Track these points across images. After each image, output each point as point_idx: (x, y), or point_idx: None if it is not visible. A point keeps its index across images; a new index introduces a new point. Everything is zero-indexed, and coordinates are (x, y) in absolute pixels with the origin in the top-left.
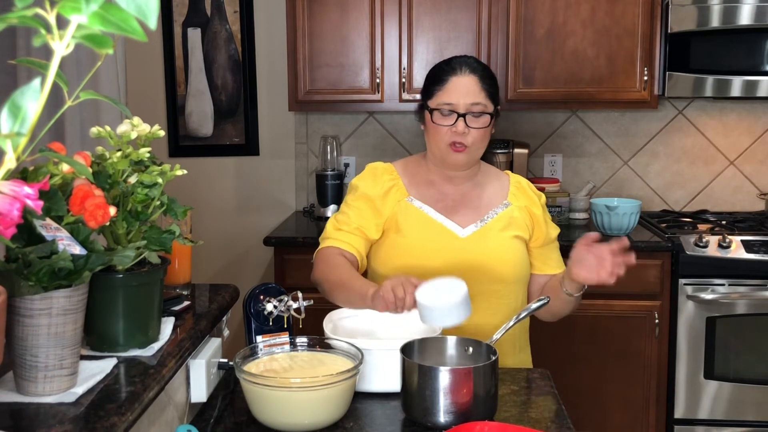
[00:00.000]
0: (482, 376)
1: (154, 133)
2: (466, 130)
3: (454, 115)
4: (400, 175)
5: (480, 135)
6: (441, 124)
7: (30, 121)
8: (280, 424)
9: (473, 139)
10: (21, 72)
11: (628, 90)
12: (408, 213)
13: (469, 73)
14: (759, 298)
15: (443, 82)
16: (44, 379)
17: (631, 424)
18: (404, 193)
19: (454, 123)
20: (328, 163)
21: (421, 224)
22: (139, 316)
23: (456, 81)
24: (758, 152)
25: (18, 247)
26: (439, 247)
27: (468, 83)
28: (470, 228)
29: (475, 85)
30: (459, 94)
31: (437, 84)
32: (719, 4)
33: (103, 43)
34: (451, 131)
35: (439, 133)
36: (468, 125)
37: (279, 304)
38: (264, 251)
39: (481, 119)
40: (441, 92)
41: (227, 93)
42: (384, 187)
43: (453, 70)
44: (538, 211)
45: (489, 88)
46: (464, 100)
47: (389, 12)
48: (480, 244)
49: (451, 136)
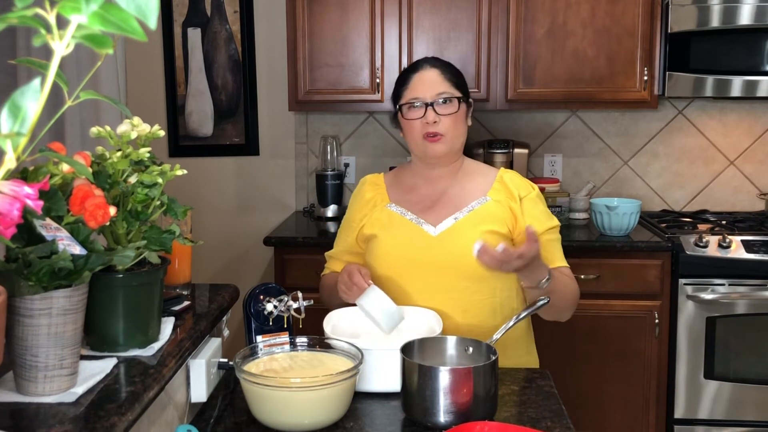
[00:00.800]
0: (482, 376)
1: (154, 133)
2: (437, 119)
3: (423, 106)
4: (387, 184)
5: (452, 121)
6: (411, 117)
7: (30, 121)
8: (280, 424)
9: (446, 126)
10: (21, 72)
11: (628, 90)
12: (386, 218)
13: (429, 68)
14: (759, 298)
15: (408, 81)
16: (44, 379)
17: (631, 424)
18: (386, 201)
19: (424, 114)
20: (328, 163)
21: (396, 227)
22: (139, 316)
23: (419, 76)
24: (758, 152)
25: (18, 247)
26: (412, 247)
27: (430, 76)
28: (442, 225)
29: (438, 76)
30: (423, 85)
31: (403, 85)
32: (719, 4)
33: (103, 43)
34: (423, 123)
35: (413, 127)
36: (438, 113)
37: (279, 304)
38: (264, 251)
39: (449, 105)
40: (407, 90)
41: (227, 93)
42: (364, 199)
43: (414, 68)
44: (516, 205)
45: (453, 78)
46: (430, 91)
47: (389, 12)
48: (450, 241)
49: (424, 127)
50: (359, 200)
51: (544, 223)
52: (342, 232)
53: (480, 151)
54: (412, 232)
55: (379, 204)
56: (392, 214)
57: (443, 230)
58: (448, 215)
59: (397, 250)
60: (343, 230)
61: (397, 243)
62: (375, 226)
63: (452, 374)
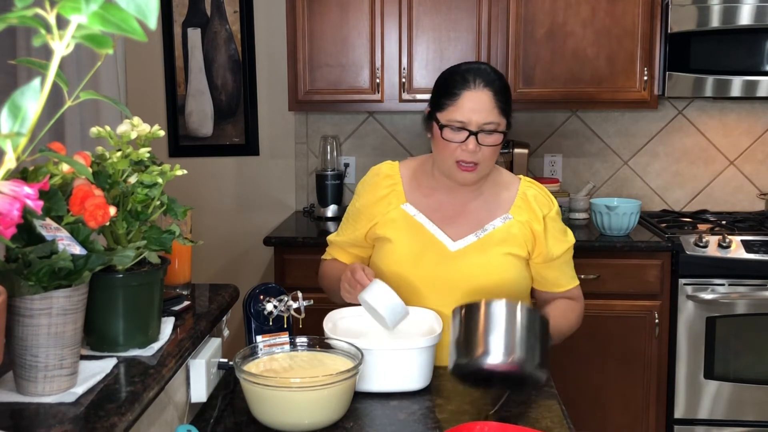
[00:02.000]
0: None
1: (154, 133)
2: (477, 149)
3: (465, 132)
4: (403, 179)
5: (490, 152)
6: (451, 140)
7: (30, 121)
8: (280, 424)
9: (483, 157)
10: (21, 72)
11: (628, 90)
12: (401, 220)
13: (483, 88)
14: (759, 298)
15: (455, 97)
16: (44, 379)
17: (631, 424)
18: (402, 199)
19: (464, 140)
20: (328, 163)
21: (412, 233)
22: (139, 316)
23: (469, 96)
24: (758, 152)
25: (18, 247)
26: (427, 258)
27: (481, 99)
28: (462, 241)
29: (489, 102)
30: (472, 111)
31: (448, 97)
32: (719, 4)
33: (103, 43)
34: (461, 149)
35: (448, 149)
36: (479, 143)
37: (279, 304)
38: (264, 251)
39: (493, 136)
40: (452, 108)
41: (227, 93)
42: (380, 193)
43: (466, 82)
44: (539, 227)
45: (503, 105)
46: (477, 119)
47: (389, 12)
48: (469, 260)
49: (460, 154)
50: (373, 194)
51: (563, 245)
52: (349, 221)
53: None
54: (428, 243)
55: (393, 202)
56: (408, 217)
57: (461, 247)
58: (470, 231)
59: (411, 258)
60: (351, 220)
61: (410, 251)
62: (389, 228)
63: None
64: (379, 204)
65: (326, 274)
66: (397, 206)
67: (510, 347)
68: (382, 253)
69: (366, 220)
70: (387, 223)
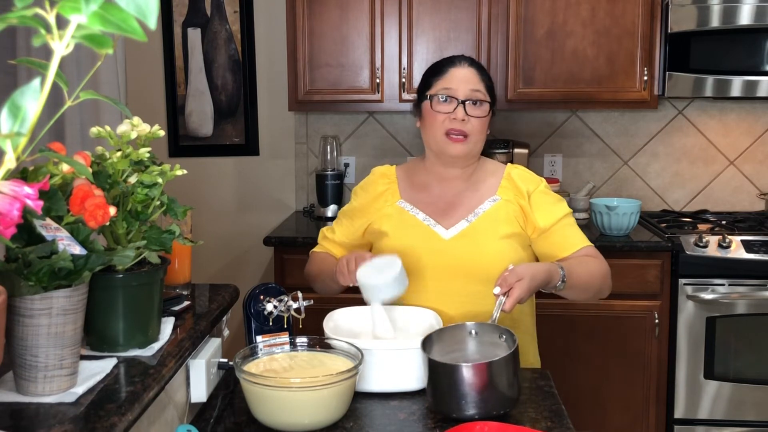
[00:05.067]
0: (505, 367)
1: (154, 133)
2: (466, 118)
3: (454, 101)
4: (399, 178)
5: (480, 125)
6: (440, 110)
7: (30, 121)
8: (280, 424)
9: (473, 128)
10: (21, 72)
11: (628, 90)
12: (396, 216)
13: (467, 66)
14: (759, 298)
15: (443, 72)
16: (44, 379)
17: (631, 424)
18: (396, 197)
19: (453, 110)
20: (328, 163)
21: (407, 227)
22: (139, 316)
23: (455, 71)
24: (758, 152)
25: (18, 247)
26: (423, 249)
27: (467, 73)
28: (454, 229)
29: (474, 76)
30: (459, 80)
31: (436, 75)
32: (719, 4)
33: (103, 43)
34: (450, 118)
35: (437, 120)
36: (468, 113)
37: (279, 304)
38: (264, 251)
39: (481, 108)
40: (440, 80)
41: (227, 93)
42: (375, 192)
43: (452, 62)
44: (524, 202)
45: (488, 82)
46: (464, 87)
47: (389, 12)
48: (462, 245)
49: (450, 123)
50: (371, 192)
51: (554, 214)
52: (345, 218)
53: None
54: (423, 234)
55: (390, 199)
56: (403, 212)
57: (455, 234)
58: (461, 218)
59: (408, 251)
60: (346, 217)
61: (407, 243)
62: (385, 223)
63: (475, 370)
64: (377, 201)
65: (317, 263)
66: (392, 203)
67: (491, 403)
68: (380, 247)
69: (364, 218)
70: (383, 219)
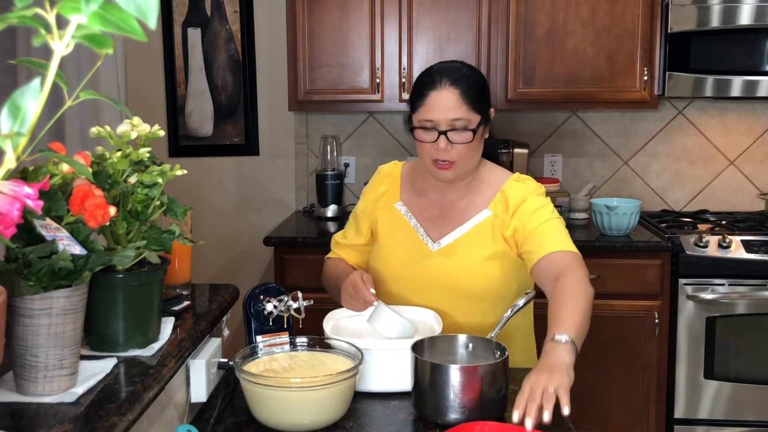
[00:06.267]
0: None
1: (154, 133)
2: (449, 147)
3: (435, 132)
4: (402, 177)
5: (465, 149)
6: (423, 140)
7: (30, 121)
8: (280, 424)
9: (458, 154)
10: (21, 72)
11: (628, 90)
12: (390, 218)
13: (449, 86)
14: (759, 298)
15: (423, 98)
16: (44, 379)
17: (631, 424)
18: (396, 197)
19: (435, 140)
20: (328, 163)
21: (397, 232)
22: (139, 316)
23: (436, 96)
24: (758, 152)
25: (18, 247)
26: (409, 258)
27: (448, 98)
28: (443, 240)
29: (456, 100)
30: (438, 110)
31: (418, 99)
32: (719, 4)
33: (103, 43)
34: (434, 148)
35: (423, 149)
36: (450, 141)
37: (279, 304)
38: (264, 251)
39: (464, 134)
40: (422, 108)
41: (227, 93)
42: (377, 192)
43: (433, 83)
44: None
45: (472, 101)
46: (444, 116)
47: (389, 12)
48: (446, 259)
49: (435, 153)
50: (374, 191)
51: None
52: (353, 220)
53: None
54: (411, 242)
55: (390, 199)
56: (398, 216)
57: (442, 247)
58: (451, 230)
59: (396, 259)
60: (354, 219)
61: (395, 251)
62: (383, 225)
63: (464, 372)
64: (379, 201)
65: (329, 274)
66: (391, 204)
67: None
68: (374, 251)
69: (368, 219)
70: (381, 220)
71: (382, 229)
